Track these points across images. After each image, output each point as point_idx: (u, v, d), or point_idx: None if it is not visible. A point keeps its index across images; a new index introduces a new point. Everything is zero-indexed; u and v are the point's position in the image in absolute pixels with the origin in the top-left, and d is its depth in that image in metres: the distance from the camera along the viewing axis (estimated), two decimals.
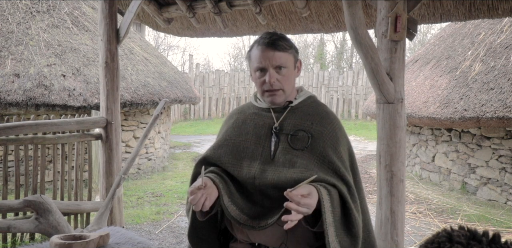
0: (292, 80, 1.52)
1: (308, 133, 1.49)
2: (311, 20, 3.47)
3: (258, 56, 1.48)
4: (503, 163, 5.62)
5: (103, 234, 1.77)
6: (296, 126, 1.51)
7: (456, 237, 0.87)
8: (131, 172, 7.13)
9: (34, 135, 3.59)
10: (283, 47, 1.47)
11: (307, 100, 1.60)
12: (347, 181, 1.43)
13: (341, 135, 1.53)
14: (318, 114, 1.55)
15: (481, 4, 2.84)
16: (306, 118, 1.53)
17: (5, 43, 6.08)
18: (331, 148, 1.47)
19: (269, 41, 1.47)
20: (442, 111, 5.83)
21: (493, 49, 5.97)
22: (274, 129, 1.52)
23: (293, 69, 1.52)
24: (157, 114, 3.37)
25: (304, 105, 1.58)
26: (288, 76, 1.49)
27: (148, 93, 6.73)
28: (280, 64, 1.46)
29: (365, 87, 15.93)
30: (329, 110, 1.60)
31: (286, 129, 1.51)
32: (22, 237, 3.88)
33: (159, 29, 4.20)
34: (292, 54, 1.50)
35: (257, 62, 1.48)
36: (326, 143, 1.48)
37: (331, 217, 1.32)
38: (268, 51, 1.46)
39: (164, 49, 25.01)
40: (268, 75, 1.47)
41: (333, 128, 1.52)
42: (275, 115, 1.55)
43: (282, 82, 1.48)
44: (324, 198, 1.32)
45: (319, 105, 1.60)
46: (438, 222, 4.98)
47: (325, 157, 1.45)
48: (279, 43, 1.46)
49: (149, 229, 4.66)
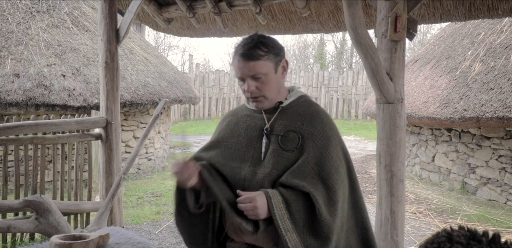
0: (275, 84, 1.51)
1: (298, 134, 1.49)
2: (311, 20, 3.47)
3: (235, 67, 1.49)
4: (503, 163, 5.62)
5: (103, 234, 1.77)
6: (287, 126, 1.51)
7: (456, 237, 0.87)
8: (131, 172, 7.13)
9: (34, 135, 3.58)
10: (257, 56, 1.45)
11: (298, 100, 1.59)
12: (328, 184, 1.42)
13: (332, 135, 1.52)
14: (309, 113, 1.55)
15: (481, 4, 2.84)
16: (297, 119, 1.53)
17: (5, 43, 6.08)
18: (320, 149, 1.47)
19: (243, 51, 1.46)
20: (442, 111, 5.82)
21: (493, 49, 5.97)
22: (265, 130, 1.53)
23: (274, 73, 1.50)
24: (157, 114, 3.37)
25: (295, 105, 1.57)
26: (267, 82, 1.48)
27: (148, 93, 6.73)
28: (255, 73, 1.46)
29: (365, 87, 15.92)
30: (320, 109, 1.59)
31: (276, 130, 1.52)
32: (22, 237, 3.88)
33: (159, 29, 4.20)
34: (270, 59, 1.48)
35: (236, 73, 1.50)
36: (316, 144, 1.48)
37: (289, 224, 1.36)
38: (243, 62, 1.46)
39: (164, 49, 25.00)
40: (247, 85, 1.48)
41: (323, 128, 1.52)
42: (267, 117, 1.56)
43: (261, 89, 1.49)
44: (275, 206, 1.36)
45: (310, 105, 1.59)
46: (438, 222, 4.98)
47: (312, 158, 1.45)
48: (252, 52, 1.45)
49: (149, 229, 4.66)
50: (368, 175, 7.74)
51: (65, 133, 3.75)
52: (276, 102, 1.55)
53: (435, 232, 0.93)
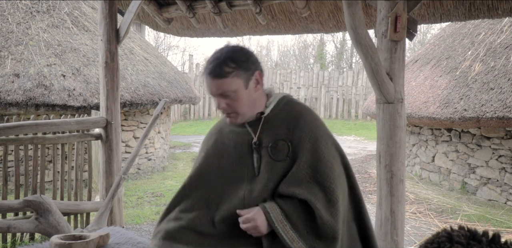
0: (246, 100, 1.46)
1: (287, 141, 1.47)
2: (311, 20, 3.47)
3: (205, 84, 1.48)
4: (503, 163, 5.62)
5: (103, 234, 1.77)
6: (275, 136, 1.49)
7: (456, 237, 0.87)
8: (131, 172, 7.13)
9: (34, 135, 3.58)
10: (223, 74, 1.41)
11: (279, 104, 1.55)
12: (325, 185, 1.42)
13: (320, 134, 1.50)
14: (293, 117, 1.51)
15: (481, 4, 2.84)
16: (282, 125, 1.50)
17: (5, 43, 6.08)
18: (311, 151, 1.45)
19: (209, 70, 1.43)
20: (442, 111, 5.82)
21: (493, 49, 5.97)
22: (254, 144, 1.50)
23: (245, 89, 1.45)
24: (157, 114, 3.37)
25: (277, 111, 1.53)
26: (237, 99, 1.44)
27: (148, 93, 6.73)
28: (222, 91, 1.43)
29: (365, 87, 15.92)
30: (303, 109, 1.55)
31: (265, 141, 1.49)
32: (22, 237, 3.88)
33: (159, 29, 4.20)
34: (238, 76, 1.43)
35: (206, 90, 1.50)
36: (306, 147, 1.46)
37: (293, 234, 1.37)
38: (210, 80, 1.43)
39: (164, 49, 24.99)
40: (217, 102, 1.47)
41: (310, 129, 1.49)
42: (252, 129, 1.52)
43: (232, 106, 1.46)
44: (275, 220, 1.38)
45: (293, 107, 1.55)
46: (438, 222, 4.98)
47: (305, 163, 1.44)
48: (217, 70, 1.41)
49: (149, 229, 4.66)
50: (368, 175, 7.74)
51: (65, 133, 3.75)
52: (257, 113, 1.52)
53: (435, 232, 0.93)
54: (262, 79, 1.50)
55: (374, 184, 6.84)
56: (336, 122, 15.67)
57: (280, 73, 17.26)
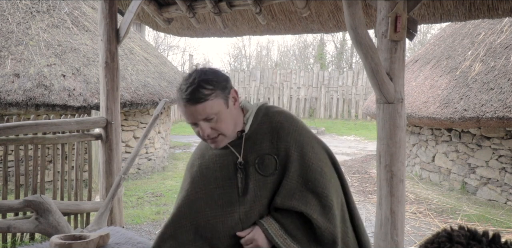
0: (230, 119, 1.42)
1: (273, 155, 1.44)
2: (311, 20, 3.47)
3: (183, 113, 1.40)
4: (503, 163, 5.62)
5: (103, 234, 1.77)
6: (260, 151, 1.45)
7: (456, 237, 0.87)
8: (131, 172, 7.13)
9: (34, 135, 3.58)
10: (203, 97, 1.35)
11: (257, 117, 1.50)
12: (318, 192, 1.41)
13: (304, 140, 1.47)
14: (274, 129, 1.47)
15: (481, 4, 2.84)
16: (266, 139, 1.46)
17: (5, 43, 6.08)
18: (299, 160, 1.43)
19: (186, 95, 1.35)
20: (442, 111, 5.82)
21: (493, 49, 5.97)
22: (239, 164, 1.45)
23: (226, 108, 1.41)
24: (157, 114, 3.37)
25: (257, 126, 1.49)
26: (222, 120, 1.40)
27: (148, 93, 6.73)
28: (206, 116, 1.37)
29: (365, 87, 15.92)
30: (283, 118, 1.50)
31: (251, 159, 1.45)
32: (22, 237, 3.88)
33: (159, 29, 4.20)
34: (218, 96, 1.38)
35: (185, 118, 1.41)
36: (293, 157, 1.43)
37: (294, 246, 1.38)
38: (190, 107, 1.36)
39: (164, 49, 25.00)
40: (201, 129, 1.40)
41: (293, 138, 1.45)
42: (236, 149, 1.48)
43: (217, 129, 1.40)
44: (274, 235, 1.38)
45: (272, 118, 1.50)
46: (438, 222, 4.98)
47: (294, 173, 1.42)
48: (196, 95, 1.34)
49: (149, 229, 4.66)
50: (368, 175, 7.74)
51: (65, 133, 3.75)
52: (237, 132, 1.47)
53: (435, 232, 0.93)
54: (237, 96, 1.47)
55: (374, 184, 6.84)
56: (336, 122, 15.68)
57: (280, 73, 17.26)
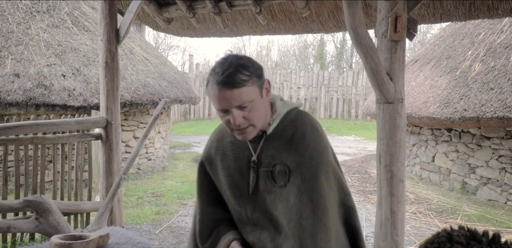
0: (262, 111, 1.35)
1: (285, 167, 1.38)
2: (311, 20, 3.47)
3: (216, 98, 1.29)
4: (503, 163, 5.62)
5: (103, 234, 1.77)
6: (274, 158, 1.40)
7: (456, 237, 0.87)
8: (131, 172, 7.13)
9: (34, 135, 3.58)
10: (240, 82, 1.26)
11: (283, 122, 1.43)
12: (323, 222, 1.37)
13: (321, 162, 1.40)
14: (295, 139, 1.40)
15: (481, 4, 2.84)
16: (283, 147, 1.40)
17: (5, 43, 6.08)
18: (310, 181, 1.38)
19: (223, 78, 1.25)
20: (442, 111, 5.82)
21: (493, 49, 5.97)
22: (252, 163, 1.42)
23: (261, 97, 1.33)
24: (157, 114, 3.37)
25: (280, 130, 1.42)
26: (255, 109, 1.31)
27: (148, 93, 6.73)
28: (241, 103, 1.27)
29: (365, 87, 15.92)
30: (307, 131, 1.42)
31: (264, 162, 1.41)
32: (22, 237, 3.88)
33: (159, 29, 4.20)
34: (255, 84, 1.30)
35: (217, 104, 1.30)
36: (305, 176, 1.38)
37: None
38: (225, 91, 1.26)
39: (164, 49, 25.02)
40: (232, 117, 1.30)
41: (310, 155, 1.39)
42: (252, 146, 1.44)
43: (250, 119, 1.31)
44: None
45: (297, 126, 1.43)
46: (438, 222, 4.98)
47: (303, 194, 1.37)
48: (234, 79, 1.25)
49: (149, 229, 4.66)
50: (368, 175, 7.74)
51: (65, 133, 3.75)
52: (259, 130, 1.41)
53: (435, 232, 0.93)
54: (270, 88, 1.39)
55: (374, 184, 6.84)
56: (336, 122, 15.68)
57: (280, 73, 17.26)
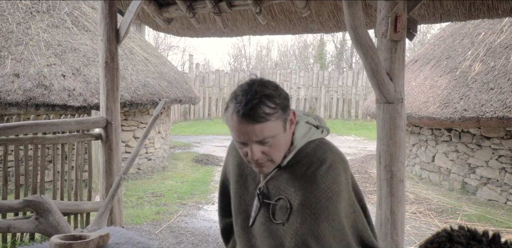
0: (284, 145, 1.24)
1: (288, 203, 1.27)
2: (311, 20, 3.47)
3: (235, 129, 1.17)
4: (503, 163, 5.62)
5: (103, 234, 1.76)
6: (280, 192, 1.29)
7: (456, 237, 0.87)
8: (131, 172, 7.13)
9: (34, 135, 3.58)
10: (264, 116, 1.13)
11: (299, 154, 1.29)
12: None
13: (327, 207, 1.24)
14: (305, 177, 1.27)
15: (481, 4, 2.84)
16: (292, 183, 1.28)
17: (5, 43, 6.08)
18: (309, 225, 1.24)
19: (245, 111, 1.12)
20: (442, 111, 5.82)
21: (493, 49, 5.97)
22: (259, 190, 1.33)
23: (284, 132, 1.21)
24: (157, 114, 3.37)
25: (293, 164, 1.29)
26: (276, 145, 1.20)
27: (148, 93, 6.73)
28: (263, 138, 1.16)
29: (365, 87, 15.92)
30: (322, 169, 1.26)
31: (271, 192, 1.31)
32: (22, 237, 3.88)
33: (159, 29, 4.20)
34: (279, 118, 1.17)
35: (235, 136, 1.19)
36: (305, 219, 1.24)
37: None
38: (246, 125, 1.14)
39: (164, 49, 25.02)
40: (251, 151, 1.19)
41: (317, 199, 1.24)
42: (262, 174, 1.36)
43: (269, 154, 1.21)
44: None
45: (312, 163, 1.28)
46: (438, 222, 4.98)
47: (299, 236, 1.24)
48: (258, 112, 1.12)
49: (149, 229, 4.66)
50: (368, 175, 7.75)
51: (65, 133, 3.75)
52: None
53: (435, 232, 0.93)
54: (295, 119, 1.26)
55: (374, 184, 6.84)
56: (336, 122, 15.67)
57: (280, 73, 17.26)
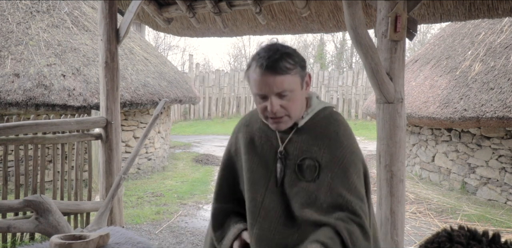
0: (300, 102, 1.34)
1: (315, 162, 1.34)
2: (311, 20, 3.47)
3: (257, 82, 1.28)
4: (503, 163, 5.62)
5: (103, 234, 1.77)
6: (303, 152, 1.36)
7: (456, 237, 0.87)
8: (131, 172, 7.13)
9: (34, 135, 3.58)
10: (285, 69, 1.26)
11: (316, 116, 1.41)
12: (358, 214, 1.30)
13: (354, 161, 1.36)
14: (327, 136, 1.37)
15: (481, 4, 2.84)
16: (313, 142, 1.36)
17: (5, 43, 6.08)
18: (341, 179, 1.33)
19: (268, 63, 1.24)
20: (442, 111, 5.82)
21: (493, 49, 5.97)
22: (279, 154, 1.38)
23: (300, 89, 1.32)
24: (157, 114, 3.37)
25: (312, 125, 1.39)
26: (294, 99, 1.30)
27: (148, 93, 6.73)
28: (282, 90, 1.27)
29: (365, 87, 15.92)
30: (340, 129, 1.39)
31: (292, 154, 1.37)
32: (22, 237, 3.88)
33: (159, 29, 4.20)
34: (298, 74, 1.29)
35: (256, 89, 1.29)
36: (336, 173, 1.33)
37: None
38: (268, 77, 1.25)
39: (164, 49, 25.02)
40: (270, 104, 1.28)
41: (343, 154, 1.35)
42: (280, 136, 1.41)
43: (287, 108, 1.30)
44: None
45: (330, 123, 1.40)
46: (438, 222, 4.98)
47: (333, 190, 1.31)
48: (280, 64, 1.25)
49: (149, 229, 4.66)
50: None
51: (65, 133, 3.75)
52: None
53: (435, 232, 0.93)
54: (310, 82, 1.37)
55: (374, 184, 6.83)
56: None
57: None
